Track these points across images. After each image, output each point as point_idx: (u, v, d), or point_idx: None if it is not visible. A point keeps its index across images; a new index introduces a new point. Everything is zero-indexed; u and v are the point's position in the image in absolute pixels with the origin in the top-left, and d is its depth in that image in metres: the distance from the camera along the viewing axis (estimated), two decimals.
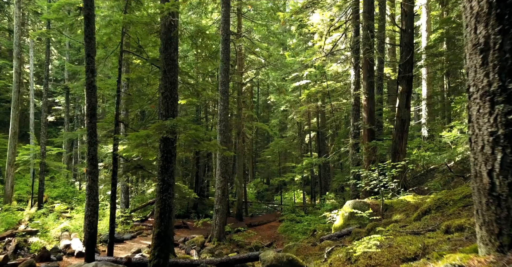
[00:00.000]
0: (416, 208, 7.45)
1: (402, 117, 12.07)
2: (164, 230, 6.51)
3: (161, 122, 6.50)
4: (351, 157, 12.71)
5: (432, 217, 5.00)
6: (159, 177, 6.74)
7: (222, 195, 14.07)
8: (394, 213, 7.69)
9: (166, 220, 6.58)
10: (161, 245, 6.45)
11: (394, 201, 8.35)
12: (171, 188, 6.74)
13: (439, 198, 5.45)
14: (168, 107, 6.83)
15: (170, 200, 6.69)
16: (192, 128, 6.68)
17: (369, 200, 8.54)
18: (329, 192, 28.64)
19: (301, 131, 27.69)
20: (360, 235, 6.73)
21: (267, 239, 16.51)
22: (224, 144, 14.26)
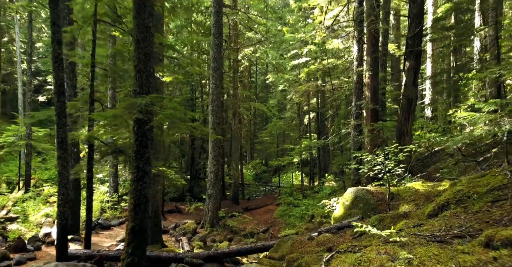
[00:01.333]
0: (427, 197, 6.61)
1: (408, 96, 11.09)
2: (139, 224, 5.68)
3: (132, 100, 5.55)
4: (353, 139, 11.81)
5: (453, 214, 4.13)
6: (133, 164, 5.85)
7: (215, 179, 13.27)
8: (401, 203, 6.85)
9: (141, 212, 5.74)
10: (136, 241, 5.63)
11: (401, 189, 7.51)
12: (147, 176, 5.86)
13: (460, 190, 4.57)
14: (143, 83, 5.86)
15: (146, 190, 5.82)
16: (169, 107, 5.74)
17: (373, 188, 7.70)
18: (328, 174, 27.97)
19: (300, 112, 26.69)
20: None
21: (263, 224, 15.84)
22: (218, 125, 13.35)
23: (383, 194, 7.39)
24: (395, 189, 7.50)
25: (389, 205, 6.62)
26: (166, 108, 5.70)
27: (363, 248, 3.70)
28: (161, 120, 5.98)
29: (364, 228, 4.23)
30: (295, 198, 19.01)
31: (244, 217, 15.27)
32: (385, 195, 7.33)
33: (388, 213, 6.33)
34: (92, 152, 7.98)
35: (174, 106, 5.81)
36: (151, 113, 5.65)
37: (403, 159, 7.52)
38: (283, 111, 33.57)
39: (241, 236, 13.27)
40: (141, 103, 5.44)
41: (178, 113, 5.79)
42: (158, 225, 10.30)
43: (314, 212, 14.15)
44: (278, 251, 6.47)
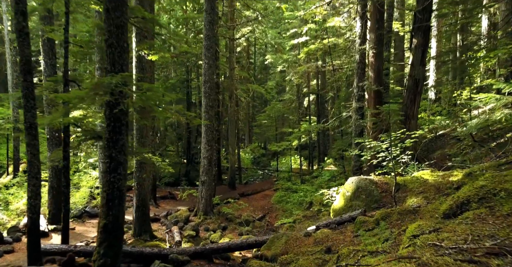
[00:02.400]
0: (438, 189, 5.92)
1: (415, 77, 10.28)
2: (112, 221, 5.00)
3: (100, 80, 4.77)
4: (354, 123, 11.07)
5: (477, 216, 3.43)
6: (105, 153, 5.12)
7: (209, 165, 12.59)
8: (408, 195, 6.17)
9: (115, 208, 5.05)
10: (109, 241, 4.97)
11: (408, 179, 6.82)
12: (121, 167, 5.15)
13: (483, 186, 3.86)
14: (114, 59, 5.05)
15: (120, 183, 5.12)
16: (145, 88, 4.96)
17: (377, 177, 7.01)
18: (327, 157, 27.36)
19: (300, 94, 25.79)
20: (367, 226, 5.24)
21: (259, 210, 15.29)
22: (211, 108, 12.56)
23: (388, 184, 6.71)
24: (401, 178, 6.81)
25: (395, 198, 5.94)
26: (141, 89, 4.92)
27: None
28: (139, 103, 5.21)
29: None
30: (293, 183, 18.43)
31: (240, 204, 14.68)
32: (390, 186, 6.64)
33: (395, 207, 5.65)
34: (68, 138, 7.25)
35: (150, 86, 5.02)
36: (125, 96, 4.87)
37: (410, 145, 6.80)
38: (282, 93, 32.66)
39: (236, 224, 12.71)
40: (111, 84, 4.66)
41: (156, 95, 5.01)
42: (146, 214, 9.69)
43: (312, 199, 13.55)
44: (271, 249, 5.83)
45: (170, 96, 5.52)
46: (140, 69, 9.40)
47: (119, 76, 4.68)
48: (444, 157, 10.66)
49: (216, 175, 20.30)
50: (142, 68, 9.42)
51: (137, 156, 7.83)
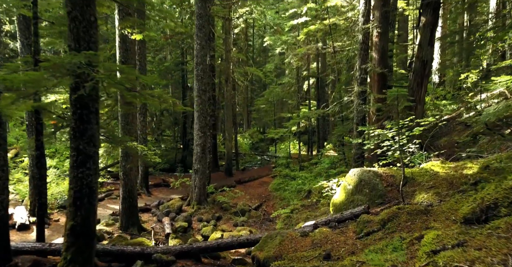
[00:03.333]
0: (450, 184, 5.28)
1: (423, 58, 9.52)
2: (81, 222, 4.38)
3: (60, 59, 4.05)
4: (356, 108, 10.35)
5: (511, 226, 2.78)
6: (71, 144, 4.46)
7: (202, 152, 11.95)
8: (417, 190, 5.53)
9: (84, 207, 4.42)
10: (78, 245, 4.36)
11: (416, 171, 6.17)
12: (91, 161, 4.49)
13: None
14: (79, 36, 4.32)
15: (90, 178, 4.47)
16: (114, 69, 4.25)
17: (381, 169, 6.36)
18: (327, 142, 26.72)
19: (299, 78, 24.91)
20: (372, 227, 4.62)
21: (256, 199, 14.74)
22: (203, 92, 11.82)
23: (394, 177, 6.06)
24: (409, 171, 6.17)
25: (402, 193, 5.30)
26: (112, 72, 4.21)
27: None
28: (110, 87, 4.49)
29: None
30: (291, 169, 17.85)
31: (236, 192, 14.14)
32: (397, 179, 6.01)
33: (402, 204, 5.01)
34: (41, 126, 6.56)
35: (122, 68, 4.31)
36: (90, 78, 4.15)
37: (418, 133, 6.11)
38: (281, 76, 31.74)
39: (231, 214, 12.18)
40: (73, 65, 3.94)
41: (128, 78, 4.30)
42: (134, 206, 9.10)
43: (311, 187, 12.99)
44: (264, 249, 5.24)
45: (145, 79, 4.81)
46: (124, 50, 8.62)
47: (82, 55, 3.95)
48: (452, 144, 10.01)
49: (212, 162, 19.73)
50: (126, 49, 8.64)
51: (120, 144, 7.17)
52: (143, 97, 4.76)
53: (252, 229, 10.45)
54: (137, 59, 13.52)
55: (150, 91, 4.98)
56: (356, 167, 10.48)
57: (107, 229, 8.88)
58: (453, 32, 18.77)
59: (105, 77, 4.00)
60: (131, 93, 4.62)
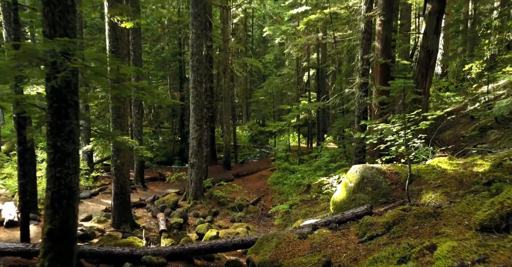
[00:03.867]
0: (460, 182, 4.91)
1: (428, 48, 9.07)
2: (60, 226, 4.03)
3: (31, 46, 3.64)
4: (357, 100, 9.94)
5: None
6: (48, 141, 4.08)
7: (198, 146, 11.58)
8: (424, 189, 5.17)
9: (63, 210, 4.07)
10: (56, 250, 4.02)
11: (422, 168, 5.80)
12: (70, 159, 4.11)
13: None
14: (54, 21, 3.90)
15: (69, 178, 4.10)
16: (94, 58, 3.84)
17: (385, 166, 5.99)
18: (327, 134, 26.34)
19: (299, 69, 24.40)
20: (375, 230, 4.27)
21: (254, 193, 14.43)
22: (199, 83, 11.39)
23: (399, 174, 5.69)
24: (414, 167, 5.80)
25: (409, 192, 4.93)
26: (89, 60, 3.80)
27: None
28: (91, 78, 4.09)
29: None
30: (290, 162, 17.51)
31: (233, 186, 13.81)
32: (401, 177, 5.64)
33: (409, 205, 4.65)
34: (23, 120, 6.18)
35: (100, 56, 3.90)
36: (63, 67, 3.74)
37: (425, 127, 5.73)
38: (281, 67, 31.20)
39: (228, 209, 11.87)
40: (44, 52, 3.53)
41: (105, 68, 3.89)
42: (126, 202, 8.76)
43: (310, 181, 12.65)
44: (260, 253, 4.90)
45: (126, 69, 4.39)
46: (114, 39, 8.18)
47: (56, 42, 3.54)
48: (457, 138, 9.63)
49: (210, 155, 19.38)
50: (117, 38, 8.19)
51: (110, 139, 6.79)
52: (127, 89, 4.36)
53: (250, 225, 10.14)
54: (131, 49, 13.07)
55: (136, 83, 4.58)
56: (357, 161, 10.14)
57: (98, 226, 8.56)
58: (457, 21, 18.20)
59: (82, 67, 3.60)
60: (114, 85, 4.22)
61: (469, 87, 18.06)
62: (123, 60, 8.41)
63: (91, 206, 10.81)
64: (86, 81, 4.11)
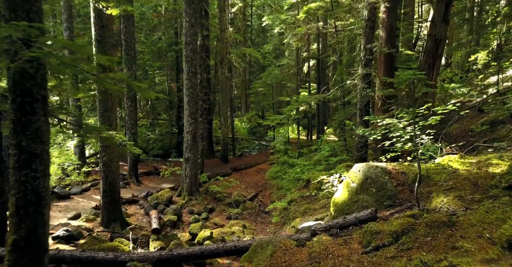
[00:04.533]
0: (474, 185, 4.45)
1: (436, 36, 8.54)
2: (26, 236, 3.58)
3: None
4: (360, 92, 9.43)
5: None
6: (11, 141, 3.60)
7: (193, 140, 11.11)
8: (434, 191, 4.71)
9: (30, 217, 3.61)
10: (23, 263, 3.58)
11: (431, 167, 5.33)
12: (37, 161, 3.63)
13: None
14: (16, 3, 3.40)
15: (37, 182, 3.63)
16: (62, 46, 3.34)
17: (390, 165, 5.51)
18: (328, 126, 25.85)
19: (299, 59, 23.79)
20: (382, 240, 3.82)
21: (252, 188, 14.02)
22: (193, 74, 10.86)
23: (405, 175, 5.23)
24: (423, 167, 5.32)
25: (418, 196, 4.47)
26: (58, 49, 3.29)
27: None
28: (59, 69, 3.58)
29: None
30: (289, 156, 17.08)
31: (230, 181, 13.37)
32: (409, 177, 5.17)
33: (418, 210, 4.19)
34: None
35: (72, 43, 3.39)
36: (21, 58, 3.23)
37: (435, 123, 5.23)
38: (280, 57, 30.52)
39: (224, 205, 11.46)
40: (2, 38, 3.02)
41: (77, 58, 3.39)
42: (116, 200, 8.33)
43: (310, 176, 12.22)
44: (254, 261, 4.46)
45: (100, 59, 3.89)
46: (100, 27, 7.65)
47: (13, 27, 3.03)
48: (465, 133, 9.15)
49: (207, 148, 18.94)
50: (103, 26, 7.66)
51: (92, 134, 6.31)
52: (103, 82, 3.86)
53: (246, 223, 9.74)
54: (123, 39, 12.52)
55: (113, 75, 4.07)
56: (359, 157, 9.68)
57: (86, 225, 8.13)
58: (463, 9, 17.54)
59: (42, 56, 3.09)
60: (104, 76, 3.71)
61: (475, 78, 17.52)
62: (111, 50, 7.86)
63: (82, 202, 10.38)
64: (55, 73, 3.59)
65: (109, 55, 7.89)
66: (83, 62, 3.63)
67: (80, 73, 3.66)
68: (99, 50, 7.70)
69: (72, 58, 3.38)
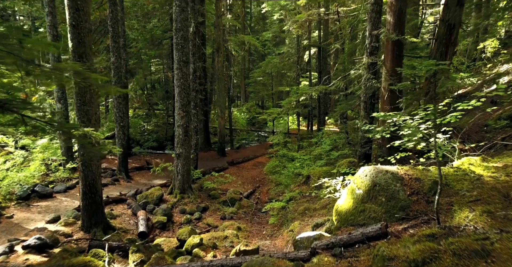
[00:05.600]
0: (506, 197, 3.73)
1: (450, 21, 7.71)
2: None
3: None
4: (364, 83, 8.63)
5: None
6: None
7: (185, 135, 10.36)
8: (456, 204, 3.97)
9: None
10: None
11: (449, 172, 4.59)
12: None
13: None
14: None
15: None
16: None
17: (402, 169, 4.76)
18: (329, 116, 25.08)
19: (299, 47, 22.84)
20: None
21: (249, 183, 13.35)
22: (184, 63, 10.05)
23: (420, 182, 4.49)
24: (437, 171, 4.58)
25: (438, 209, 3.73)
26: None
27: None
28: None
29: None
30: (289, 149, 16.35)
31: (226, 177, 12.67)
32: (424, 184, 4.44)
33: (438, 228, 3.47)
34: None
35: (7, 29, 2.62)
36: None
37: (455, 121, 4.48)
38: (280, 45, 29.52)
39: (219, 203, 10.79)
40: None
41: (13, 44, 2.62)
42: (97, 202, 7.61)
43: (310, 172, 11.53)
44: None
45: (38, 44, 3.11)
46: (74, 10, 6.82)
47: None
48: (479, 127, 8.39)
49: (204, 141, 18.24)
50: (78, 9, 6.83)
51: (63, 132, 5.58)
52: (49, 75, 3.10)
53: (242, 224, 9.08)
54: (109, 25, 11.66)
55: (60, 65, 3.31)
56: (363, 153, 8.92)
57: (65, 230, 7.44)
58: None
59: None
60: (25, 68, 2.96)
61: (483, 67, 16.66)
62: (88, 36, 7.05)
63: (65, 202, 9.70)
64: None
65: (86, 42, 7.11)
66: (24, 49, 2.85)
67: (20, 63, 2.89)
68: (74, 37, 6.89)
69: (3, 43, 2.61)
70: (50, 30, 11.68)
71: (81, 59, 7.03)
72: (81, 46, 7.00)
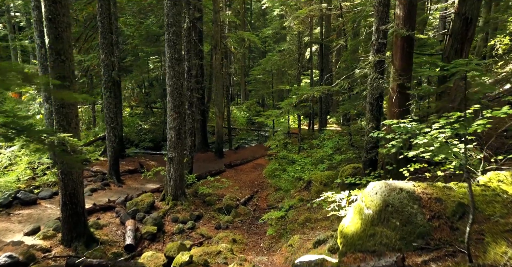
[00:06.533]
0: None
1: (466, 14, 7.01)
2: None
3: None
4: (371, 83, 7.93)
5: None
6: None
7: (177, 137, 9.70)
8: (488, 234, 3.29)
9: None
10: None
11: (476, 191, 3.90)
12: None
13: None
14: None
15: None
16: None
17: (419, 187, 4.07)
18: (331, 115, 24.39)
19: (300, 44, 22.10)
20: None
21: (247, 188, 12.70)
22: (177, 61, 9.36)
23: (442, 203, 3.81)
24: (464, 190, 3.90)
25: (469, 242, 3.06)
26: None
27: None
28: None
29: None
30: (289, 150, 15.66)
31: (223, 181, 12.00)
32: (447, 206, 3.76)
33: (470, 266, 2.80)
34: None
35: None
36: None
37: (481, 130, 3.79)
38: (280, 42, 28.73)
39: (214, 211, 10.15)
40: None
41: None
42: (79, 213, 6.97)
43: (311, 176, 10.86)
44: None
45: None
46: (51, 2, 6.14)
47: None
48: (497, 133, 7.68)
49: (201, 142, 17.59)
50: (55, 1, 6.15)
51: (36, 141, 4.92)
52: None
53: (237, 235, 8.44)
54: (99, 20, 10.98)
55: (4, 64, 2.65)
56: (369, 159, 8.21)
57: (43, 244, 6.80)
58: None
59: None
60: None
61: (494, 65, 15.95)
62: (66, 31, 6.37)
63: (49, 209, 9.06)
64: None
65: (64, 37, 6.43)
66: None
67: None
68: (51, 32, 6.22)
69: None
70: (37, 26, 11.00)
71: (58, 57, 6.36)
72: (58, 42, 6.33)
